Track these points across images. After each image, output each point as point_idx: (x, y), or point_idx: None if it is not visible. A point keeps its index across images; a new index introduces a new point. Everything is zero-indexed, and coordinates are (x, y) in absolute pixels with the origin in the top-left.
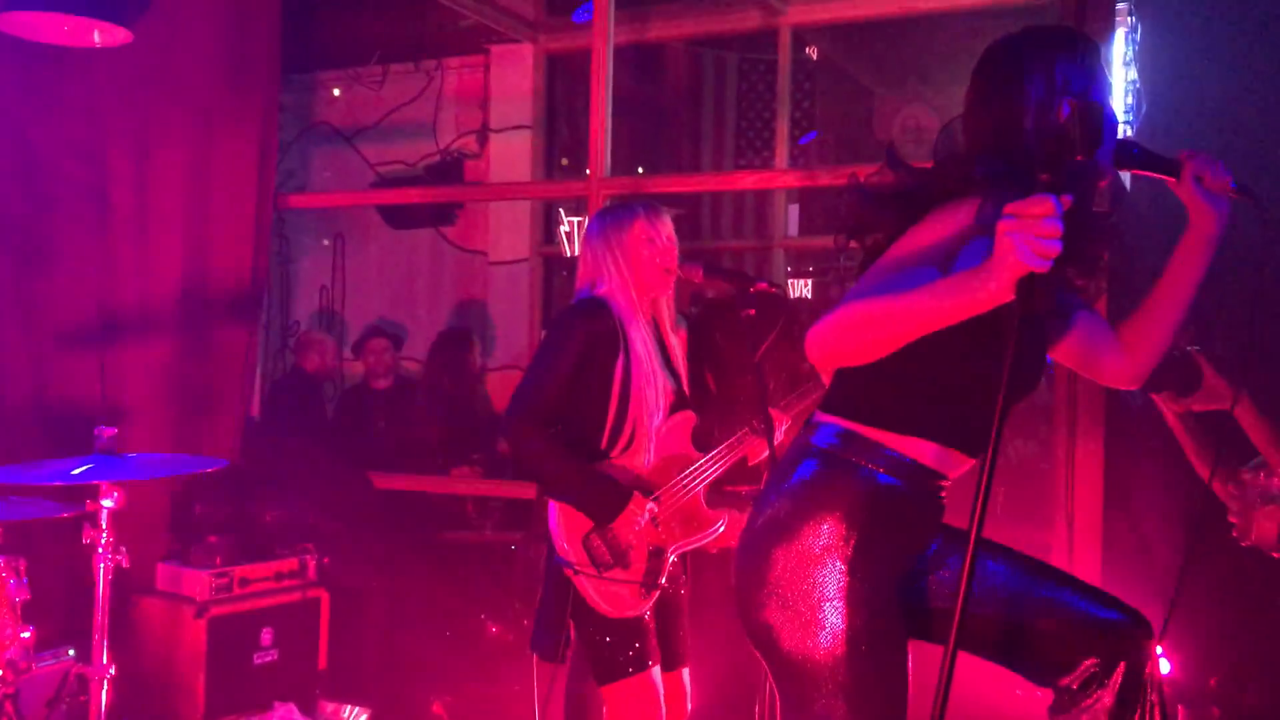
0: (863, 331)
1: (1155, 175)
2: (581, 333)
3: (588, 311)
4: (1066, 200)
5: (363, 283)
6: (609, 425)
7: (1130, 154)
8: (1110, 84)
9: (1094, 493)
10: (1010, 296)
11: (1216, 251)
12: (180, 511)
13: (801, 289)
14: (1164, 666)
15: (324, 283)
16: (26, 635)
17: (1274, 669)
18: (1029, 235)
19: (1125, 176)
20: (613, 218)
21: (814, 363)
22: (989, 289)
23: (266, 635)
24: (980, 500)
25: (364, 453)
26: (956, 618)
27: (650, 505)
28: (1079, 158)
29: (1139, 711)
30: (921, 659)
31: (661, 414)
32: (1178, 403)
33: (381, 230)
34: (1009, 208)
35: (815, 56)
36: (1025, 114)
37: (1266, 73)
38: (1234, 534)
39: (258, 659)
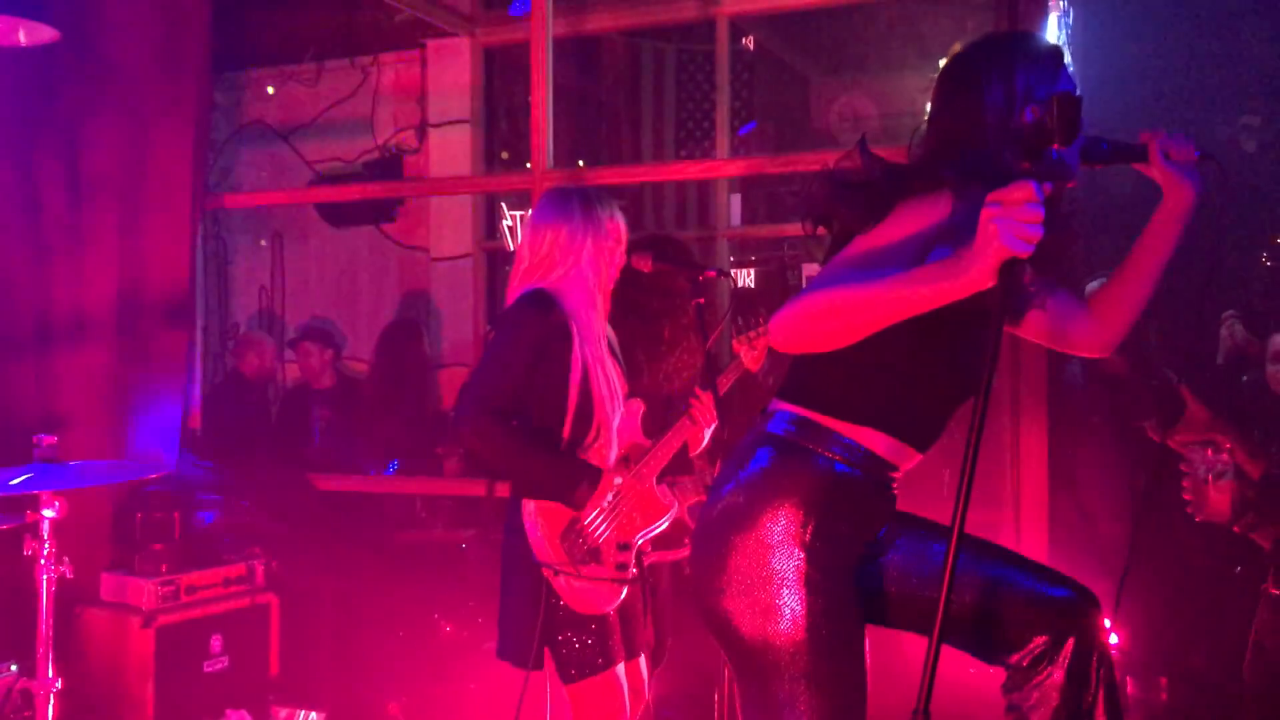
0: (836, 317)
1: (1125, 164)
2: (536, 326)
3: (539, 304)
4: (1046, 188)
5: (303, 283)
6: (570, 420)
7: (1100, 149)
8: (1075, 84)
9: (1039, 473)
10: (992, 281)
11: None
12: (123, 520)
13: (745, 278)
14: (1112, 639)
15: (263, 283)
16: None
17: (1217, 634)
18: (1013, 220)
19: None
20: (584, 209)
21: (780, 349)
22: (971, 274)
23: (216, 643)
24: (965, 483)
25: (309, 454)
26: (941, 605)
27: (617, 480)
28: (1057, 146)
29: (1089, 685)
30: (876, 643)
31: (619, 405)
32: (1160, 433)
33: (321, 229)
34: (992, 195)
35: (751, 46)
36: (986, 120)
37: (1195, 43)
38: (1188, 509)
39: (208, 667)
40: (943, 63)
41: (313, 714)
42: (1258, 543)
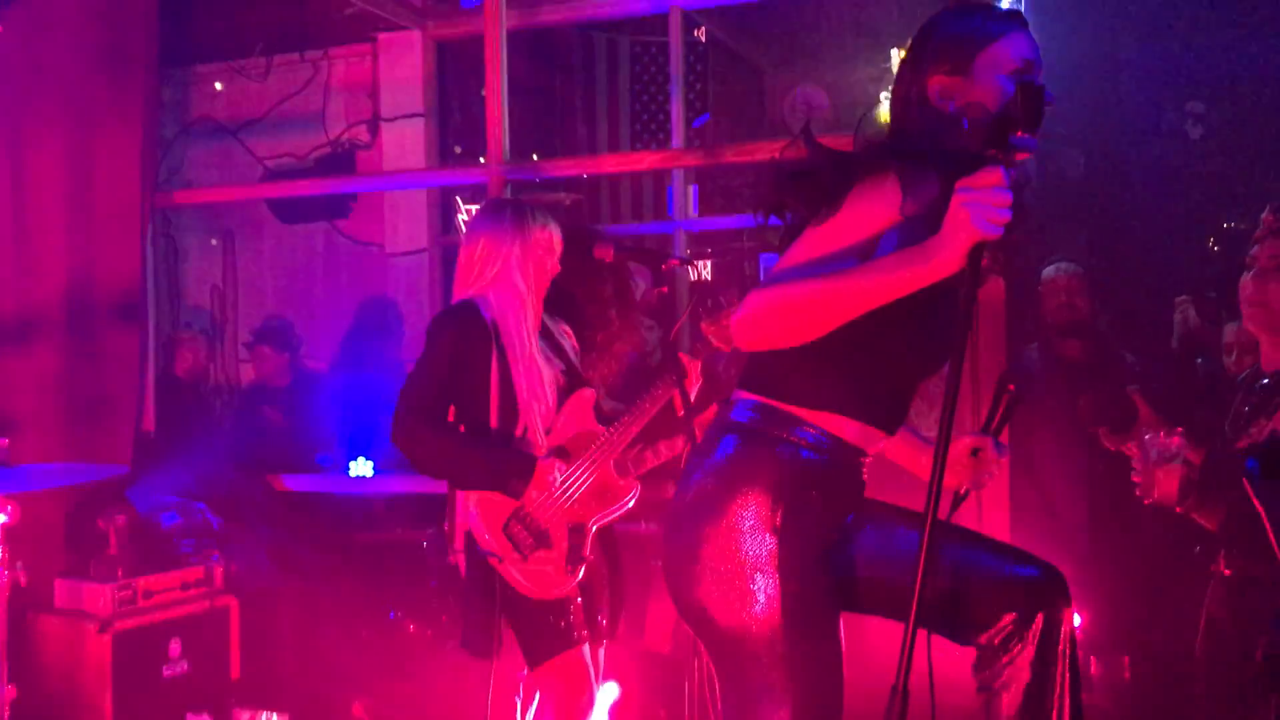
0: (802, 313)
1: None
2: (450, 335)
3: (457, 314)
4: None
5: (255, 280)
6: (494, 421)
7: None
8: (1038, 59)
9: None
10: (961, 265)
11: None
12: (75, 524)
13: (701, 270)
14: (1075, 619)
15: (215, 283)
16: None
17: (1176, 613)
18: (984, 204)
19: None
20: (516, 221)
21: (743, 346)
22: (941, 257)
23: (175, 647)
24: (939, 465)
25: (265, 454)
26: (916, 592)
27: (559, 465)
28: (1020, 134)
29: (1056, 661)
30: (849, 629)
31: (549, 402)
32: (1114, 439)
33: (274, 226)
34: (961, 182)
35: (704, 39)
36: (912, 99)
37: (1141, 30)
38: (1137, 492)
39: (167, 672)
40: (894, 52)
41: (275, 716)
42: (1201, 524)
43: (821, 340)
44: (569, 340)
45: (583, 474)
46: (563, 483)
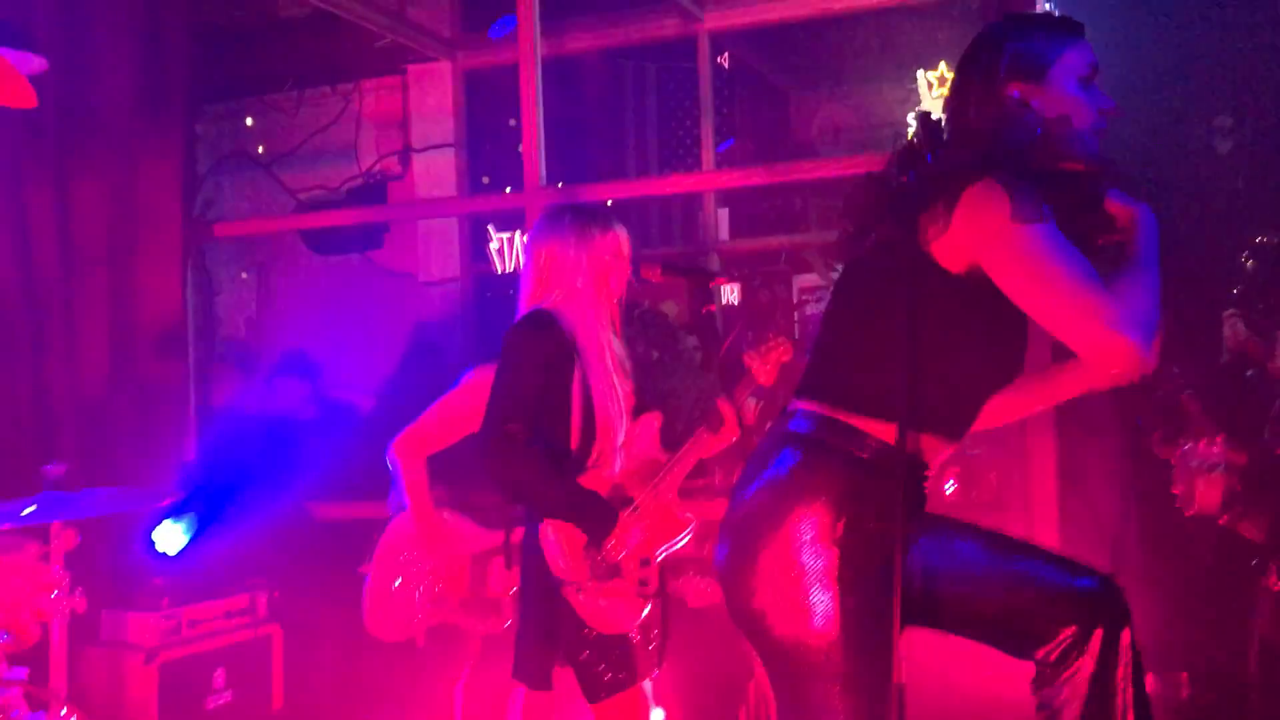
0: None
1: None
2: (541, 346)
3: (537, 324)
4: None
5: (289, 312)
6: (575, 441)
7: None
8: (1084, 55)
9: (1048, 473)
10: None
11: None
12: (121, 552)
13: (729, 295)
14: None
15: (249, 314)
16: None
17: (1233, 629)
18: None
19: None
20: (577, 226)
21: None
22: None
23: (219, 677)
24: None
25: (302, 484)
26: (896, 586)
27: (635, 528)
28: None
29: (1117, 677)
30: (909, 643)
31: (624, 423)
32: (1166, 448)
33: (306, 258)
34: None
35: (727, 64)
36: (971, 107)
37: (1165, 44)
38: (1178, 503)
39: (210, 702)
40: (920, 73)
41: None
42: (1246, 535)
43: (887, 351)
44: (627, 359)
45: (650, 504)
46: (634, 512)
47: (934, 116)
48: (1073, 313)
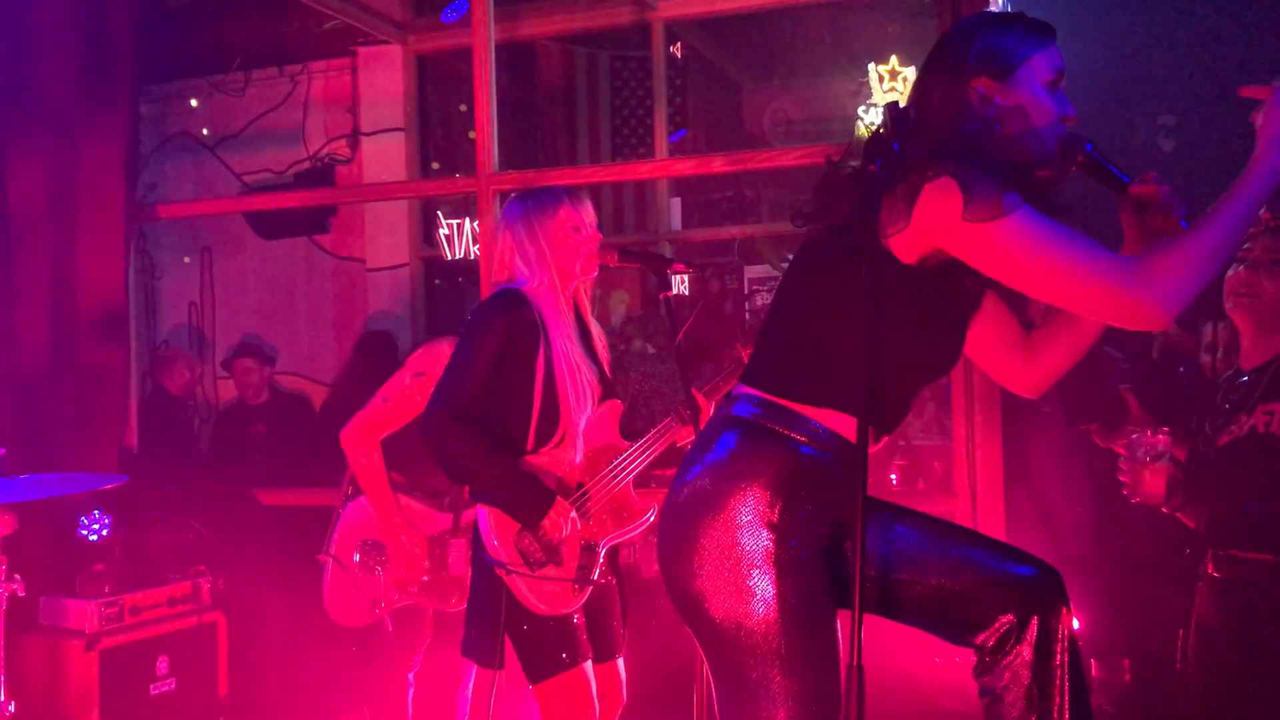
0: (1216, 261)
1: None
2: (500, 326)
3: (506, 303)
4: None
5: (234, 297)
6: (534, 422)
7: (1084, 152)
8: (1053, 59)
9: (994, 463)
10: None
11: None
12: (61, 539)
13: (678, 284)
14: (1073, 623)
15: (193, 299)
16: None
17: (1171, 615)
18: None
19: None
20: (535, 203)
21: (1173, 319)
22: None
23: (162, 664)
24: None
25: (250, 470)
26: (856, 577)
27: (573, 514)
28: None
29: (1055, 663)
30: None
31: (589, 406)
32: (1105, 437)
33: (252, 242)
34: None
35: (679, 54)
36: (935, 98)
37: (1113, 43)
38: (1124, 491)
39: (154, 689)
40: (871, 66)
41: None
42: (1185, 523)
43: (833, 339)
44: (603, 346)
45: (600, 491)
46: (582, 497)
47: (902, 106)
48: (1077, 285)
